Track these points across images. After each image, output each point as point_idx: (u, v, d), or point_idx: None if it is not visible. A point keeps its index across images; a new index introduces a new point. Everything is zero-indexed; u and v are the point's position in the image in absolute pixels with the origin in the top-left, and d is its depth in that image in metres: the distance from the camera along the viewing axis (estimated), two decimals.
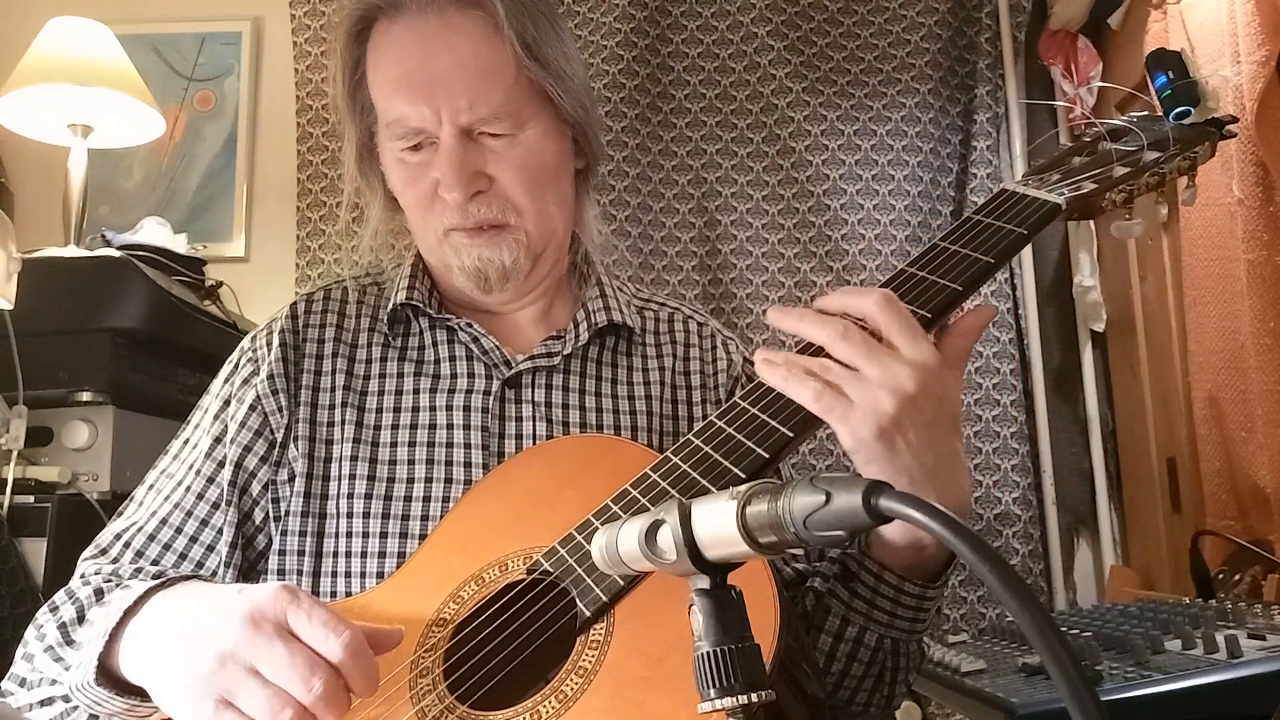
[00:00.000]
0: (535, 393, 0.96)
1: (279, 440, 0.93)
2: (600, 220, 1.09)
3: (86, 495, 1.64)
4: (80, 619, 0.81)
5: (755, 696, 0.47)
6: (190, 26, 2.55)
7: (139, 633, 0.73)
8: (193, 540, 0.91)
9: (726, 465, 0.74)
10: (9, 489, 1.57)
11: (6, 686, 0.85)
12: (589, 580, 0.72)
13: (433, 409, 0.94)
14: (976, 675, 1.08)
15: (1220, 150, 0.95)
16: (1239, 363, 1.60)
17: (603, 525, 0.57)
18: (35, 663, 0.82)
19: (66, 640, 0.81)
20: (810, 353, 0.77)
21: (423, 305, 0.98)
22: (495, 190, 0.93)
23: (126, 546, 0.91)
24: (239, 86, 2.53)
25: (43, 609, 0.85)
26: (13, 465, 1.59)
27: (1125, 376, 2.24)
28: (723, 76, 2.43)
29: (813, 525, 0.44)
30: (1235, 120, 0.93)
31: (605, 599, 0.71)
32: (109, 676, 0.73)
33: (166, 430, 1.02)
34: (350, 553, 0.89)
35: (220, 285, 2.13)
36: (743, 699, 0.47)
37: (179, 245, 2.12)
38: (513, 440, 0.93)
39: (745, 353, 1.08)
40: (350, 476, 0.91)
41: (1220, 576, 1.45)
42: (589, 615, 0.71)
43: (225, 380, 0.98)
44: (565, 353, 0.98)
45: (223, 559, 0.91)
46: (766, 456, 0.73)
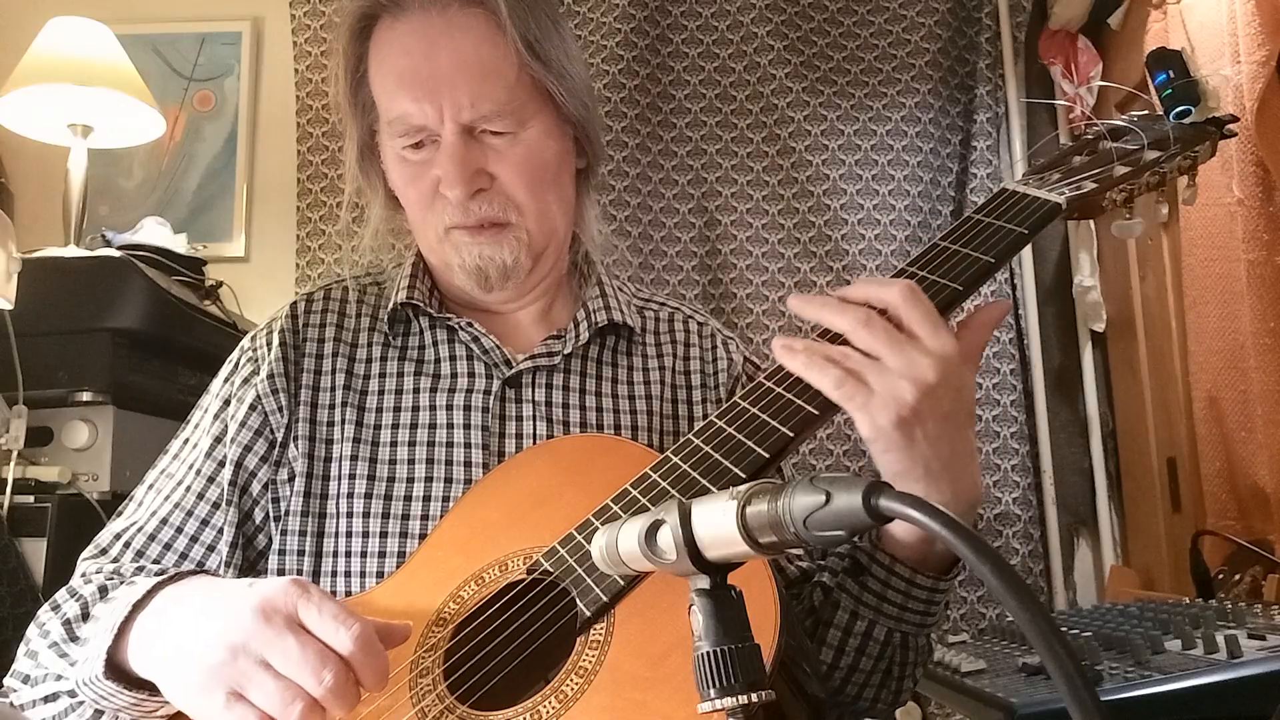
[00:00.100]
0: (535, 392, 0.96)
1: (279, 440, 0.93)
2: (600, 220, 1.09)
3: (86, 495, 1.64)
4: (85, 615, 0.81)
5: (755, 696, 0.47)
6: (190, 26, 2.55)
7: (148, 626, 0.73)
8: (193, 540, 0.91)
9: (727, 465, 0.74)
10: (9, 489, 1.57)
11: (9, 683, 0.85)
12: (589, 580, 0.72)
13: (433, 408, 0.94)
14: (976, 675, 1.07)
15: (1220, 150, 0.95)
16: (1239, 363, 1.60)
17: (603, 525, 0.56)
18: (39, 659, 0.82)
19: (71, 636, 0.81)
20: (830, 341, 0.76)
21: (423, 305, 0.98)
22: (497, 188, 0.93)
23: (127, 546, 0.91)
24: (239, 86, 2.53)
25: (44, 607, 0.85)
26: (13, 465, 1.59)
27: (1125, 376, 2.24)
28: (723, 76, 2.43)
29: (813, 525, 0.44)
30: (1236, 120, 0.93)
31: (605, 599, 0.71)
32: (117, 670, 0.73)
33: (166, 430, 1.02)
34: (350, 552, 0.89)
35: (220, 285, 2.13)
36: (743, 699, 0.47)
37: (179, 245, 2.12)
38: (513, 440, 0.93)
39: (745, 352, 1.08)
40: (350, 476, 0.91)
41: (1220, 576, 1.45)
42: (589, 615, 0.71)
43: (225, 380, 0.98)
44: (565, 352, 0.98)
45: (223, 559, 0.91)
46: (767, 456, 0.73)
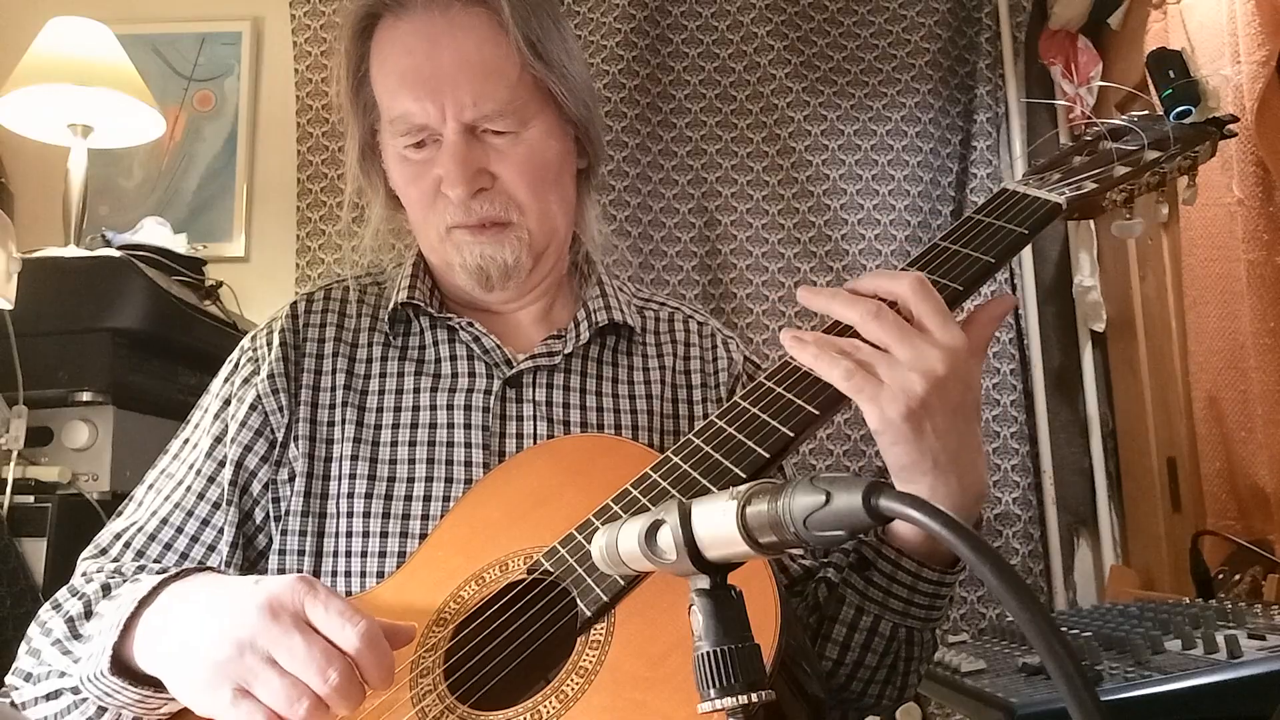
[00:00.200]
0: (536, 392, 0.96)
1: (279, 440, 0.93)
2: (601, 220, 1.09)
3: (86, 495, 1.64)
4: (88, 613, 0.81)
5: (755, 696, 0.47)
6: (190, 26, 2.55)
7: (154, 622, 0.73)
8: (193, 540, 0.91)
9: (727, 465, 0.74)
10: (9, 489, 1.57)
11: (10, 681, 0.85)
12: (589, 580, 0.72)
13: (433, 408, 0.94)
14: (976, 675, 1.07)
15: (1220, 150, 0.95)
16: (1239, 363, 1.60)
17: (603, 525, 0.57)
18: (42, 656, 0.82)
19: (74, 634, 0.81)
20: (838, 334, 0.77)
21: (424, 304, 0.98)
22: (498, 188, 0.93)
23: (127, 546, 0.91)
24: (239, 86, 2.53)
25: (45, 606, 0.85)
26: (13, 465, 1.59)
27: (1125, 376, 2.24)
28: (723, 76, 2.43)
29: (813, 525, 0.44)
30: (1236, 120, 0.93)
31: (606, 599, 0.71)
32: (122, 666, 0.73)
33: (166, 430, 1.02)
34: (350, 552, 0.89)
35: (220, 285, 2.13)
36: (743, 699, 0.47)
37: (179, 245, 2.12)
38: (513, 440, 0.93)
39: (746, 352, 1.08)
40: (350, 476, 0.91)
41: (1220, 576, 1.44)
42: (590, 615, 0.71)
43: (225, 380, 0.98)
44: (566, 352, 0.98)
45: (223, 559, 0.91)
46: (767, 456, 0.73)
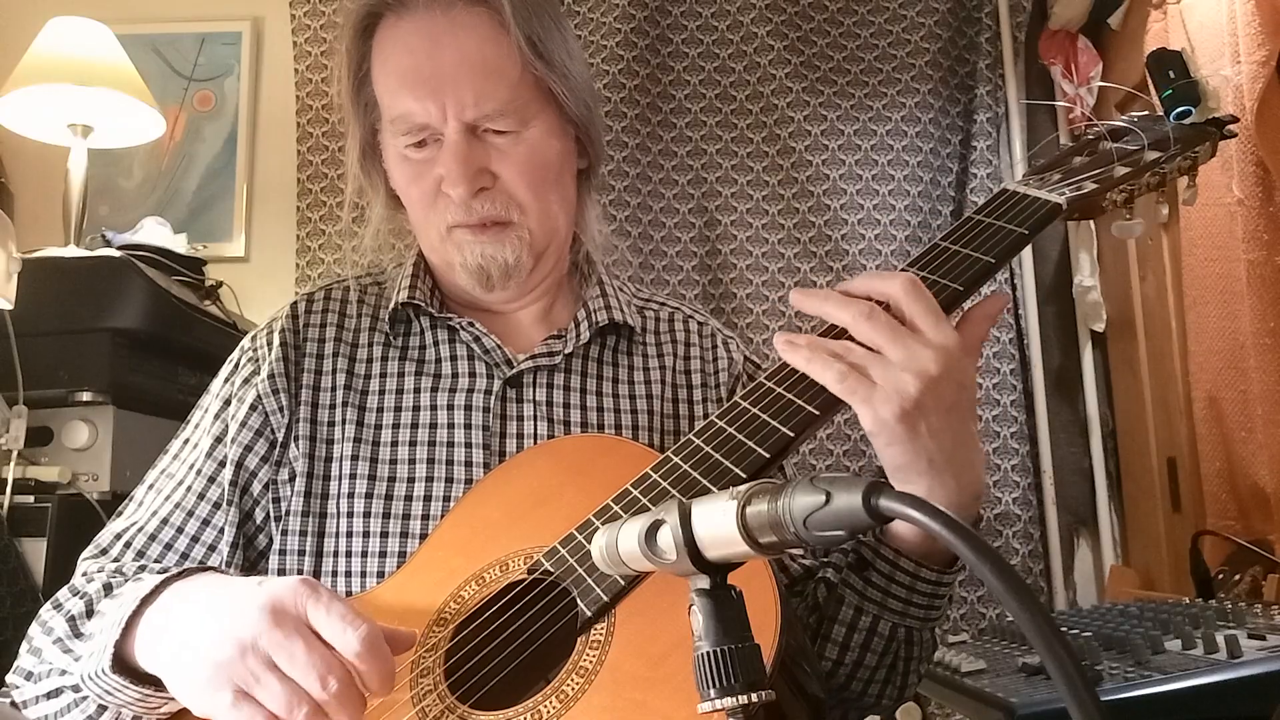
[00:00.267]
0: (536, 392, 0.96)
1: (279, 440, 0.93)
2: (601, 220, 1.09)
3: (86, 495, 1.64)
4: (89, 612, 0.81)
5: (755, 696, 0.47)
6: (190, 26, 2.55)
7: (155, 621, 0.73)
8: (194, 540, 0.91)
9: (727, 465, 0.74)
10: (9, 489, 1.57)
11: (11, 680, 0.85)
12: (590, 580, 0.72)
13: (434, 408, 0.94)
14: (976, 675, 1.07)
15: (1220, 150, 0.95)
16: (1239, 363, 1.60)
17: (603, 525, 0.57)
18: (43, 655, 0.82)
19: (75, 632, 0.81)
20: (833, 336, 0.77)
21: (424, 304, 0.98)
22: (499, 187, 0.93)
23: (127, 546, 0.91)
24: (239, 86, 2.53)
25: (46, 605, 0.85)
26: (13, 465, 1.59)
27: (1125, 376, 2.24)
28: (723, 76, 2.43)
29: (813, 525, 0.44)
30: (1236, 120, 0.93)
31: (606, 599, 0.71)
32: (123, 665, 0.73)
33: (166, 430, 1.02)
34: (351, 552, 0.89)
35: (220, 285, 2.13)
36: (743, 699, 0.47)
37: (179, 245, 2.12)
38: (514, 440, 0.93)
39: (746, 352, 1.08)
40: (351, 476, 0.91)
41: (1220, 576, 1.44)
42: (590, 615, 0.71)
43: (226, 380, 0.98)
44: (566, 352, 0.98)
45: (224, 559, 0.91)
46: (767, 456, 0.73)
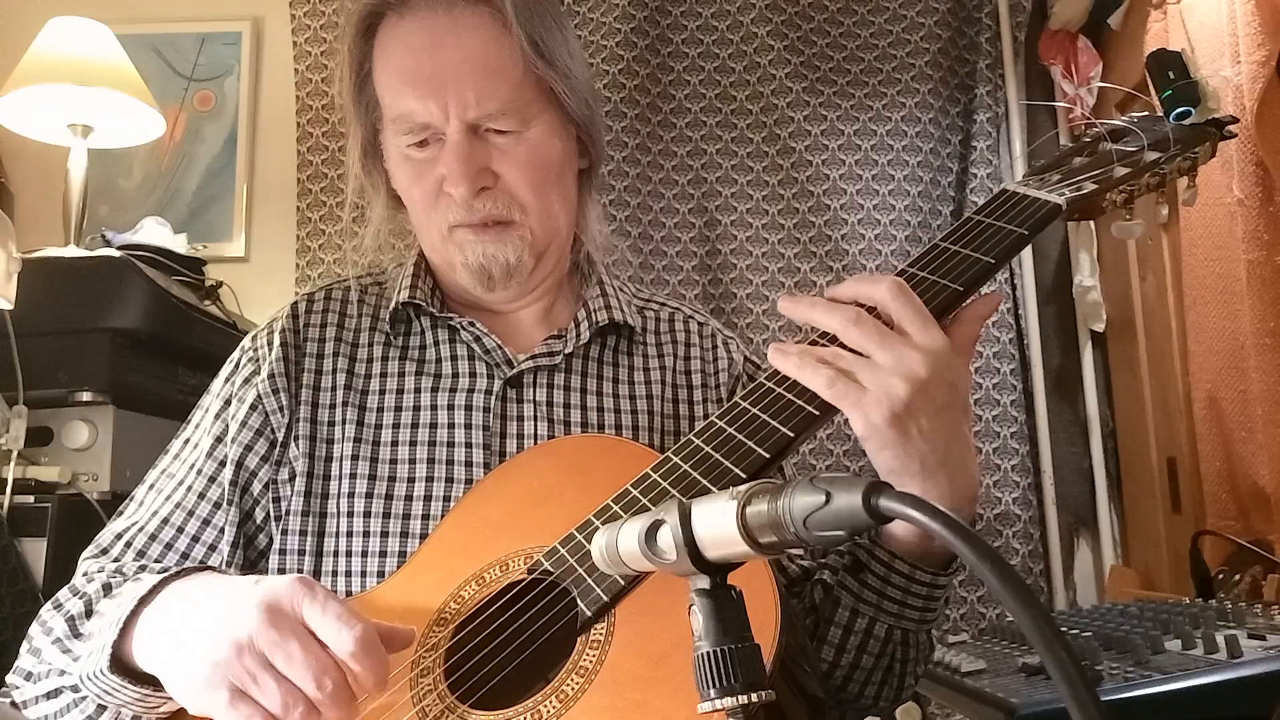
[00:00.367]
0: (537, 392, 0.96)
1: (280, 440, 0.93)
2: (601, 220, 1.09)
3: (86, 495, 1.64)
4: (88, 612, 0.82)
5: (755, 696, 0.47)
6: (190, 26, 2.55)
7: (153, 621, 0.73)
8: (194, 540, 0.91)
9: (727, 465, 0.74)
10: (9, 489, 1.57)
11: (11, 680, 0.85)
12: (590, 580, 0.73)
13: (434, 408, 0.94)
14: (976, 675, 1.07)
15: (1220, 150, 0.95)
16: (1239, 363, 1.60)
17: (603, 525, 0.57)
18: (43, 655, 0.82)
19: (75, 632, 0.81)
20: (828, 342, 0.77)
21: (425, 304, 0.98)
22: (501, 187, 0.93)
23: (128, 546, 0.91)
24: (239, 86, 2.53)
25: (47, 605, 0.86)
26: (13, 465, 1.59)
27: (1125, 376, 2.24)
28: (723, 76, 2.43)
29: (813, 525, 0.44)
30: (1235, 120, 0.93)
31: (606, 599, 0.71)
32: (121, 665, 0.73)
33: (166, 430, 1.02)
34: (351, 552, 0.89)
35: (220, 285, 2.13)
36: (743, 699, 0.47)
37: (179, 245, 2.12)
38: (514, 440, 0.93)
39: (746, 352, 1.08)
40: (351, 476, 0.91)
41: (1220, 576, 1.45)
42: (590, 615, 0.71)
43: (226, 380, 0.98)
44: (566, 352, 0.98)
45: (224, 559, 0.91)
46: (767, 456, 0.73)
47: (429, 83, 0.90)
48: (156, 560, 0.91)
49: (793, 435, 0.74)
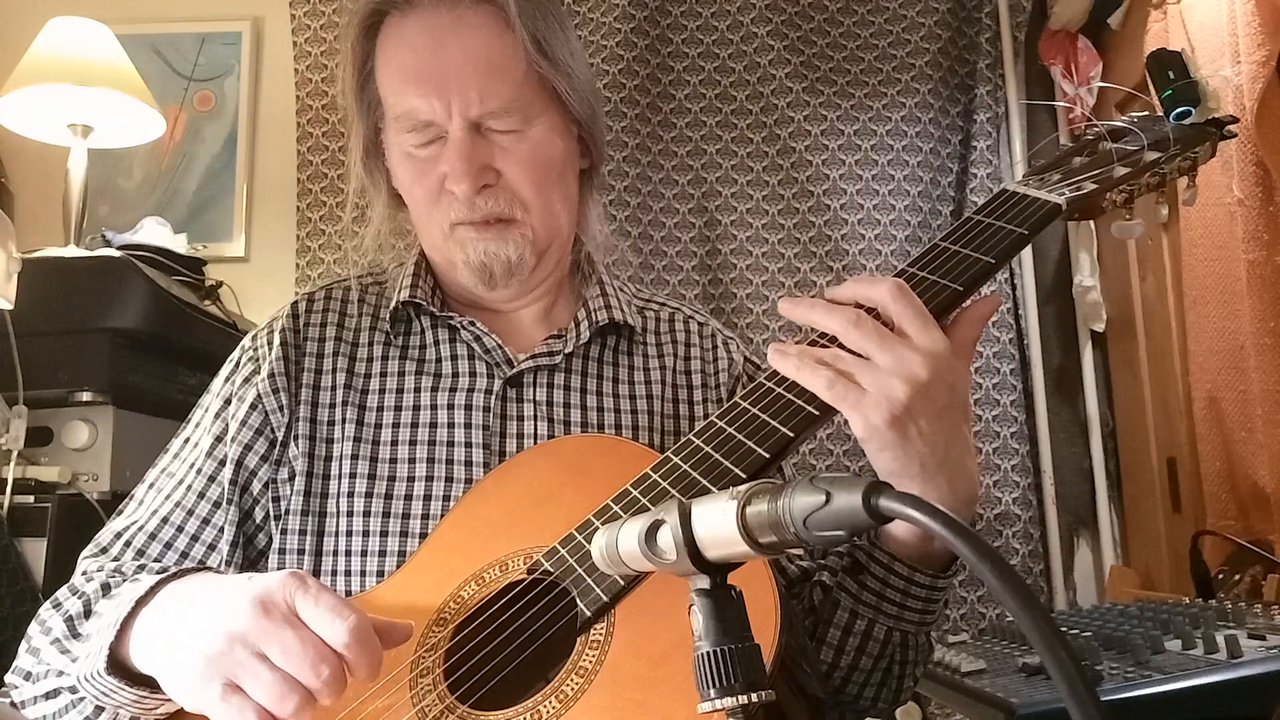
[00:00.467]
0: (537, 392, 0.96)
1: (279, 439, 0.93)
2: (602, 220, 1.10)
3: (86, 495, 1.64)
4: (87, 613, 0.81)
5: (755, 696, 0.47)
6: (190, 26, 2.55)
7: (150, 622, 0.73)
8: (194, 539, 0.91)
9: (727, 465, 0.74)
10: (9, 489, 1.57)
11: (10, 680, 0.85)
12: (589, 580, 0.72)
13: (434, 408, 0.94)
14: (976, 675, 1.08)
15: (1220, 150, 0.95)
16: (1239, 363, 1.60)
17: (603, 525, 0.57)
18: (41, 655, 0.82)
19: (73, 633, 0.81)
20: (829, 343, 0.77)
21: (425, 303, 0.98)
22: (502, 185, 0.93)
23: (127, 545, 0.91)
24: (239, 86, 2.53)
25: (46, 604, 0.85)
26: (13, 465, 1.59)
27: (1125, 376, 2.24)
28: (723, 76, 2.43)
29: (813, 525, 0.44)
30: (1236, 120, 0.93)
31: (606, 599, 0.71)
32: (119, 666, 0.73)
33: (166, 430, 1.02)
34: (350, 552, 0.89)
35: (220, 285, 2.13)
36: (743, 699, 0.47)
37: (179, 245, 2.12)
38: (514, 439, 0.93)
39: (746, 352, 1.08)
40: (351, 475, 0.91)
41: (1220, 576, 1.45)
42: (589, 615, 0.71)
43: (226, 379, 0.98)
44: (566, 351, 0.98)
45: (224, 558, 0.91)
46: (767, 456, 0.73)
47: (432, 80, 0.90)
48: (156, 559, 0.91)
49: (792, 435, 0.74)
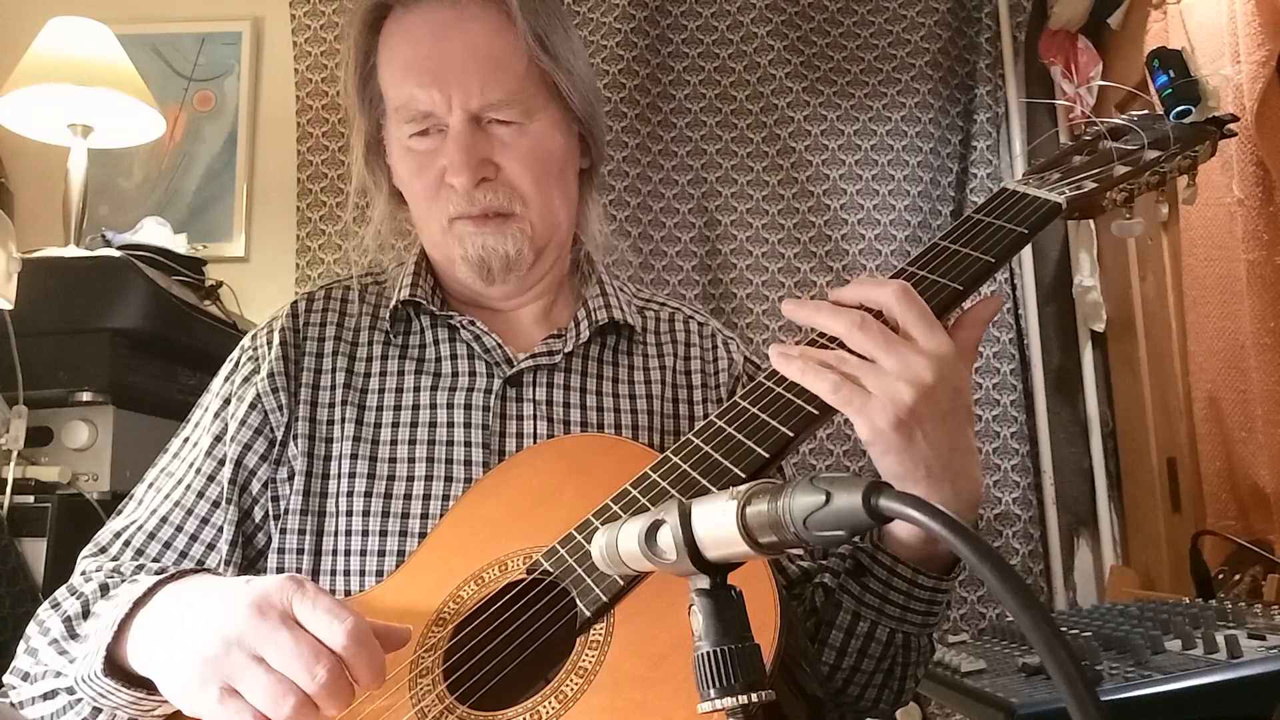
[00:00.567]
0: (536, 391, 0.96)
1: (279, 439, 0.93)
2: (602, 220, 1.10)
3: (86, 495, 1.64)
4: (85, 613, 0.81)
5: (755, 696, 0.47)
6: (190, 26, 2.55)
7: (148, 624, 0.73)
8: (193, 539, 0.91)
9: (727, 465, 0.74)
10: (9, 489, 1.57)
11: (8, 680, 0.85)
12: (589, 580, 0.72)
13: (433, 407, 0.94)
14: (976, 675, 1.07)
15: (1220, 150, 0.95)
16: (1239, 363, 1.59)
17: (603, 525, 0.56)
18: (39, 656, 0.82)
19: (71, 634, 0.81)
20: (833, 345, 0.76)
21: (425, 302, 0.98)
22: (502, 178, 0.93)
23: (127, 545, 0.91)
24: (239, 86, 2.53)
25: (45, 604, 0.85)
26: (13, 465, 1.59)
27: (1125, 376, 2.24)
28: (723, 76, 2.43)
29: (813, 525, 0.44)
30: (1236, 119, 0.93)
31: (605, 599, 0.71)
32: (116, 668, 0.73)
33: (166, 430, 1.02)
34: (350, 551, 0.89)
35: (220, 285, 2.13)
36: (743, 699, 0.47)
37: (179, 245, 2.12)
38: (514, 439, 0.93)
39: (746, 352, 1.08)
40: (350, 475, 0.91)
41: (1220, 576, 1.44)
42: (589, 615, 0.71)
43: (226, 379, 0.98)
44: (566, 351, 0.98)
45: (223, 558, 0.91)
46: (767, 456, 0.73)
47: (433, 72, 0.91)
48: (155, 559, 0.90)
49: (792, 435, 0.74)
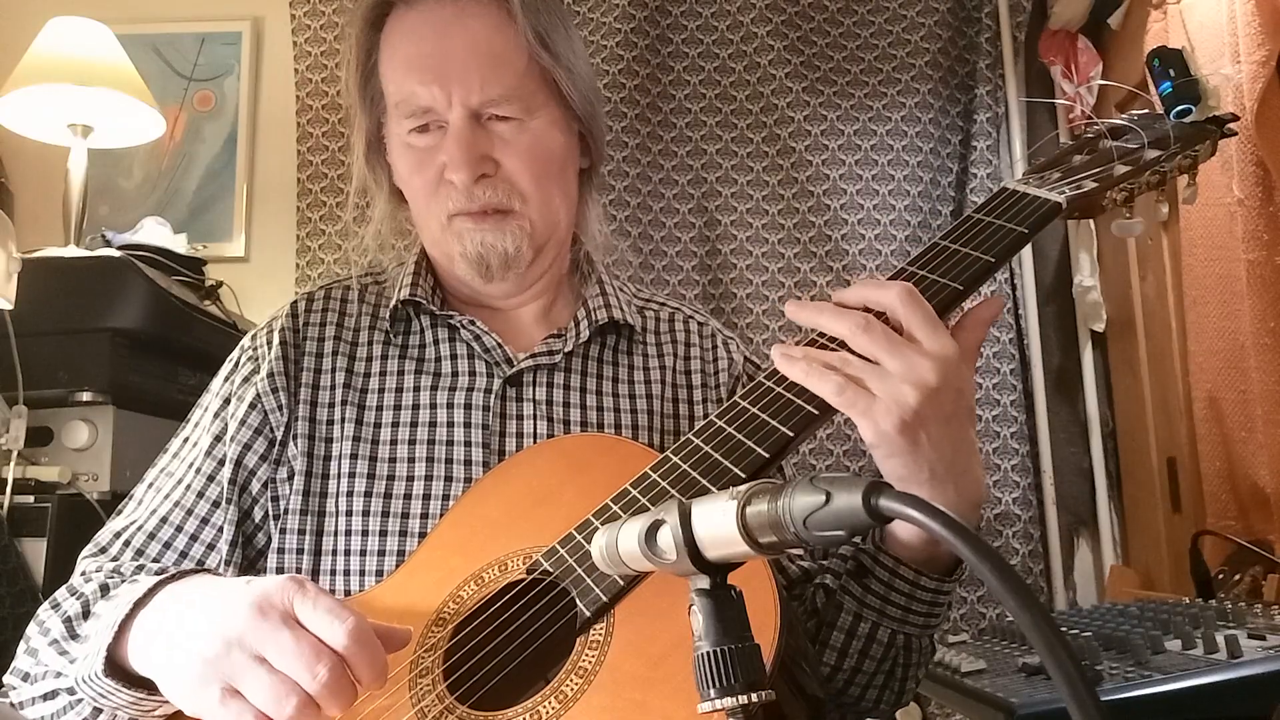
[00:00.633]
0: (536, 391, 0.96)
1: (279, 439, 0.93)
2: (602, 220, 1.10)
3: (86, 495, 1.64)
4: (86, 613, 0.81)
5: (755, 696, 0.47)
6: (190, 26, 2.55)
7: (148, 624, 0.73)
8: (193, 539, 0.91)
9: (727, 465, 0.74)
10: (9, 489, 1.57)
11: (8, 681, 0.85)
12: (589, 580, 0.72)
13: (433, 407, 0.94)
14: (976, 675, 1.07)
15: (1220, 150, 0.95)
16: (1239, 363, 1.59)
17: (603, 525, 0.56)
18: (40, 656, 0.82)
19: (71, 634, 0.81)
20: (830, 344, 0.76)
21: (425, 302, 0.98)
22: (501, 175, 0.93)
23: (127, 545, 0.91)
24: (239, 86, 2.53)
25: (45, 605, 0.85)
26: (13, 465, 1.59)
27: (1125, 376, 2.24)
28: (723, 76, 2.43)
29: (813, 525, 0.44)
30: (1236, 118, 0.93)
31: (605, 599, 0.71)
32: (117, 668, 0.73)
33: (166, 430, 1.02)
34: (350, 551, 0.89)
35: (220, 285, 2.13)
36: (743, 699, 0.47)
37: (179, 245, 2.12)
38: (514, 439, 0.93)
39: (746, 352, 1.08)
40: (350, 475, 0.91)
41: (1220, 576, 1.44)
42: (589, 615, 0.71)
43: (225, 378, 0.98)
44: (566, 350, 0.98)
45: (223, 558, 0.91)
46: (767, 456, 0.73)
47: (433, 68, 0.91)
48: (155, 559, 0.90)
49: (792, 435, 0.74)
